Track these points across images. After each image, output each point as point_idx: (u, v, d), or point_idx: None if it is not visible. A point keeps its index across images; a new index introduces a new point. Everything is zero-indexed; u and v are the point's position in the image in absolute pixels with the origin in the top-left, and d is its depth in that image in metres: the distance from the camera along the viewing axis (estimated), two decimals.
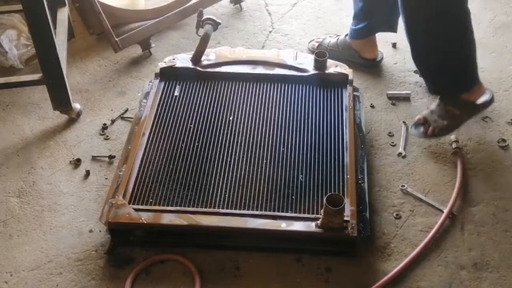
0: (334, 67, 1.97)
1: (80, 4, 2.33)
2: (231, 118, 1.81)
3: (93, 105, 2.09)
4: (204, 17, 2.02)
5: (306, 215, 1.52)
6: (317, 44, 2.30)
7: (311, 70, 1.96)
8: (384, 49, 2.29)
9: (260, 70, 1.98)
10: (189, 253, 1.55)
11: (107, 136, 1.95)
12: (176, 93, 1.91)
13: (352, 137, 1.73)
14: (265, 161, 1.68)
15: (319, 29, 2.45)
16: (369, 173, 1.75)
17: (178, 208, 1.54)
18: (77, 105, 2.03)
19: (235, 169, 1.65)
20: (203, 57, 2.01)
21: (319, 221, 1.48)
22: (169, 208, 1.54)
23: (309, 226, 1.49)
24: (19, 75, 2.16)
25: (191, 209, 1.54)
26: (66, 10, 2.29)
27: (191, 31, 2.36)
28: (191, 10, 2.38)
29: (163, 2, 2.52)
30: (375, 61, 2.21)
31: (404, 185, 1.74)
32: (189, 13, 2.39)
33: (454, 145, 1.84)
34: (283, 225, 1.50)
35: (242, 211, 1.53)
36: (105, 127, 1.98)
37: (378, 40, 2.20)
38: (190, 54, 2.03)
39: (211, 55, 2.04)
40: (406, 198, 1.72)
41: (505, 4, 2.56)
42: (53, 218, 1.68)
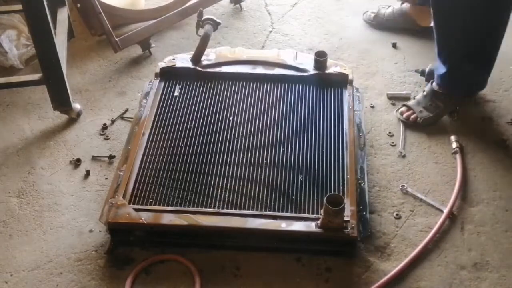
0: (334, 67, 1.97)
1: (82, 5, 2.33)
2: (231, 118, 1.81)
3: (93, 105, 2.09)
4: (204, 17, 2.02)
5: (306, 215, 1.52)
6: (373, 14, 2.42)
7: (311, 70, 1.96)
8: (384, 49, 2.30)
9: (260, 70, 1.98)
10: (189, 253, 1.55)
11: (107, 136, 1.95)
12: (176, 93, 1.91)
13: (352, 137, 1.73)
14: (265, 161, 1.68)
15: (319, 29, 2.45)
16: (369, 173, 1.76)
17: (178, 208, 1.54)
18: (77, 105, 2.03)
19: (235, 169, 1.65)
20: (203, 57, 2.01)
21: (319, 221, 1.48)
22: (169, 208, 1.54)
23: (309, 226, 1.49)
24: (19, 75, 2.16)
25: (191, 209, 1.54)
26: (66, 10, 2.29)
27: (191, 31, 2.36)
28: (191, 10, 2.38)
29: (163, 2, 2.52)
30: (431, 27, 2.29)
31: (404, 185, 1.74)
32: (189, 13, 2.39)
33: (454, 145, 1.84)
34: (283, 225, 1.50)
35: (242, 211, 1.53)
36: (105, 127, 1.98)
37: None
38: (190, 54, 2.03)
39: (211, 55, 2.04)
40: (406, 198, 1.72)
41: None
42: (53, 218, 1.68)
